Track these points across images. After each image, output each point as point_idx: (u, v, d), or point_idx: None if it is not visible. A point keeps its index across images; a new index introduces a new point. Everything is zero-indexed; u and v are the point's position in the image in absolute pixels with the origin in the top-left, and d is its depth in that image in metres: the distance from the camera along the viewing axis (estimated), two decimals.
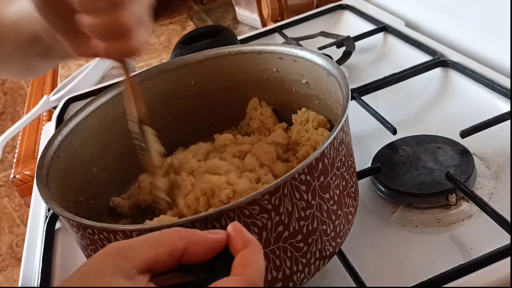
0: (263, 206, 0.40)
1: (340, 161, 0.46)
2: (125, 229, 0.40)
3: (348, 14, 1.01)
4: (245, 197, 0.39)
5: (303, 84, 0.59)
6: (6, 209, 1.84)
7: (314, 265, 0.45)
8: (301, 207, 0.42)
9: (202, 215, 0.39)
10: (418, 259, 0.53)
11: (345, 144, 0.47)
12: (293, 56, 0.58)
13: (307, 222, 0.43)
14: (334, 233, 0.46)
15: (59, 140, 0.53)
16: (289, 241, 0.43)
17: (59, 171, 0.51)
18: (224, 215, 0.39)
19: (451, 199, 0.57)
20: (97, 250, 0.31)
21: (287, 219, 0.42)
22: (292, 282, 0.44)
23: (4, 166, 1.78)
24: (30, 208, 0.75)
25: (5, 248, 1.89)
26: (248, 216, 0.40)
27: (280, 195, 0.40)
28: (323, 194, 0.44)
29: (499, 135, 0.63)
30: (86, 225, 0.42)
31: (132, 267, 0.30)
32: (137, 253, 0.31)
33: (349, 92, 0.48)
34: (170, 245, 0.32)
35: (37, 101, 1.12)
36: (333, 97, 0.54)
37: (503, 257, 0.47)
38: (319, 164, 0.43)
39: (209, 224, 0.39)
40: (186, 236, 0.32)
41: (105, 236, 0.41)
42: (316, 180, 0.43)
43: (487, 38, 0.77)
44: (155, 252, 0.31)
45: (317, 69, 0.55)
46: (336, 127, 0.44)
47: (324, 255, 0.46)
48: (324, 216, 0.44)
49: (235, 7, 1.32)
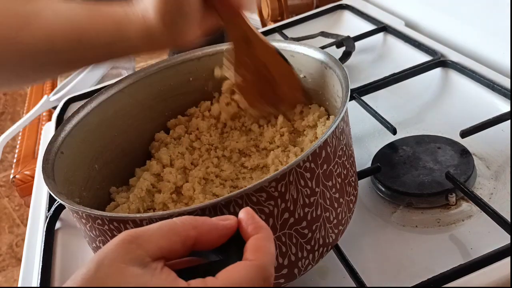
0: (270, 193, 0.41)
1: (342, 150, 0.47)
2: (135, 217, 0.40)
3: (348, 14, 1.01)
4: (252, 184, 0.40)
5: (302, 78, 0.59)
6: (6, 209, 1.84)
7: (318, 252, 0.46)
8: (305, 194, 0.43)
9: (211, 202, 0.39)
10: (418, 259, 0.53)
11: (346, 134, 0.48)
12: (291, 52, 0.58)
13: (311, 209, 0.44)
14: (337, 220, 0.47)
15: (62, 137, 0.53)
16: (295, 228, 0.44)
17: (63, 167, 0.51)
18: (233, 202, 0.40)
19: (451, 199, 0.57)
20: (107, 241, 0.31)
21: (293, 206, 0.43)
22: (297, 268, 0.45)
23: (4, 166, 1.78)
24: (30, 208, 0.75)
25: (5, 248, 1.89)
26: (255, 203, 0.41)
27: (286, 182, 0.41)
28: (326, 182, 0.45)
29: (499, 135, 0.63)
30: (95, 216, 0.42)
31: (146, 255, 0.31)
32: (150, 242, 0.31)
33: (348, 83, 0.49)
34: (183, 234, 0.32)
35: (37, 101, 1.12)
36: (331, 90, 0.55)
37: (503, 257, 0.47)
38: (323, 152, 0.44)
39: (218, 212, 0.40)
40: (197, 225, 0.33)
41: (115, 226, 0.42)
42: (319, 167, 0.44)
43: (487, 38, 0.77)
44: (168, 241, 0.32)
45: (314, 63, 0.56)
46: (338, 116, 0.45)
47: (327, 242, 0.47)
48: (327, 203, 0.45)
49: None
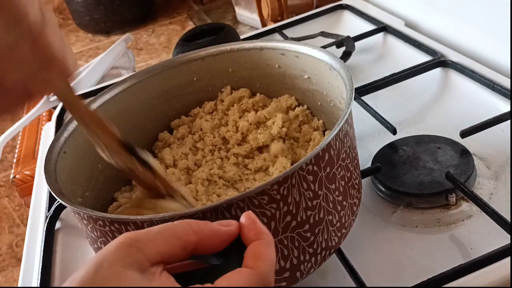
0: (272, 196, 0.41)
1: (345, 152, 0.46)
2: (136, 219, 0.40)
3: (348, 14, 1.01)
4: (254, 187, 0.40)
5: (305, 79, 0.59)
6: (6, 209, 1.84)
7: (320, 255, 0.46)
8: (308, 197, 0.43)
9: (213, 205, 0.39)
10: (418, 259, 0.53)
11: (350, 136, 0.48)
12: (295, 52, 0.58)
13: (314, 212, 0.44)
14: (340, 223, 0.47)
15: (65, 136, 0.53)
16: (297, 231, 0.43)
17: (66, 167, 0.51)
18: (234, 204, 0.40)
19: (451, 199, 0.57)
20: (108, 242, 0.31)
21: (295, 209, 0.42)
22: (299, 271, 0.45)
23: (4, 166, 1.78)
24: (30, 208, 0.75)
25: (5, 248, 1.89)
26: (257, 206, 0.41)
27: (288, 185, 0.41)
28: (329, 184, 0.44)
29: (499, 135, 0.63)
30: (97, 217, 0.42)
31: (145, 259, 0.30)
32: (150, 246, 0.31)
33: (352, 85, 0.48)
34: (184, 239, 0.32)
35: (37, 101, 1.12)
36: (335, 91, 0.55)
37: (503, 257, 0.47)
38: (326, 155, 0.44)
39: (219, 214, 0.40)
40: (199, 230, 0.32)
41: (116, 227, 0.42)
42: (322, 170, 0.43)
43: (487, 38, 0.77)
44: (168, 245, 0.31)
45: (319, 64, 0.56)
46: (341, 119, 0.45)
47: (330, 245, 0.47)
48: (330, 206, 0.45)
49: (235, 7, 1.32)
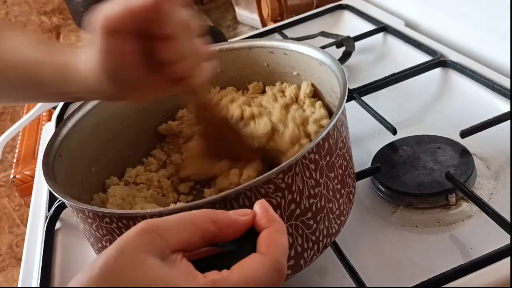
0: (277, 184, 0.42)
1: (342, 142, 0.48)
2: (146, 213, 0.40)
3: (348, 14, 1.01)
4: (261, 176, 0.41)
5: (294, 76, 0.59)
6: (6, 209, 1.84)
7: (322, 242, 0.47)
8: (310, 185, 0.44)
9: (221, 195, 0.40)
10: (418, 259, 0.53)
11: (345, 127, 0.49)
12: (283, 50, 0.58)
13: (316, 200, 0.45)
14: (339, 211, 0.48)
15: (59, 139, 0.53)
16: (300, 219, 0.44)
17: (62, 170, 0.51)
18: (242, 194, 0.40)
19: (451, 199, 0.57)
20: (114, 240, 0.31)
21: (299, 197, 0.43)
22: (303, 259, 0.46)
23: (4, 166, 1.78)
24: (30, 208, 0.75)
25: (5, 248, 1.89)
26: (264, 195, 0.41)
27: (292, 174, 0.42)
28: (329, 173, 0.46)
29: (499, 135, 0.63)
30: (104, 214, 0.42)
31: (166, 246, 0.31)
32: (171, 233, 0.31)
33: (345, 77, 0.49)
34: (203, 228, 0.32)
35: None
36: (326, 86, 0.55)
37: (503, 257, 0.47)
38: (325, 144, 0.45)
39: (228, 204, 0.40)
40: (217, 219, 0.33)
41: (124, 223, 0.42)
42: (323, 159, 0.45)
43: (487, 38, 0.77)
44: (188, 234, 0.32)
45: (308, 60, 0.56)
46: (338, 110, 0.46)
47: (330, 233, 0.47)
48: (330, 194, 0.46)
49: (235, 7, 1.32)
